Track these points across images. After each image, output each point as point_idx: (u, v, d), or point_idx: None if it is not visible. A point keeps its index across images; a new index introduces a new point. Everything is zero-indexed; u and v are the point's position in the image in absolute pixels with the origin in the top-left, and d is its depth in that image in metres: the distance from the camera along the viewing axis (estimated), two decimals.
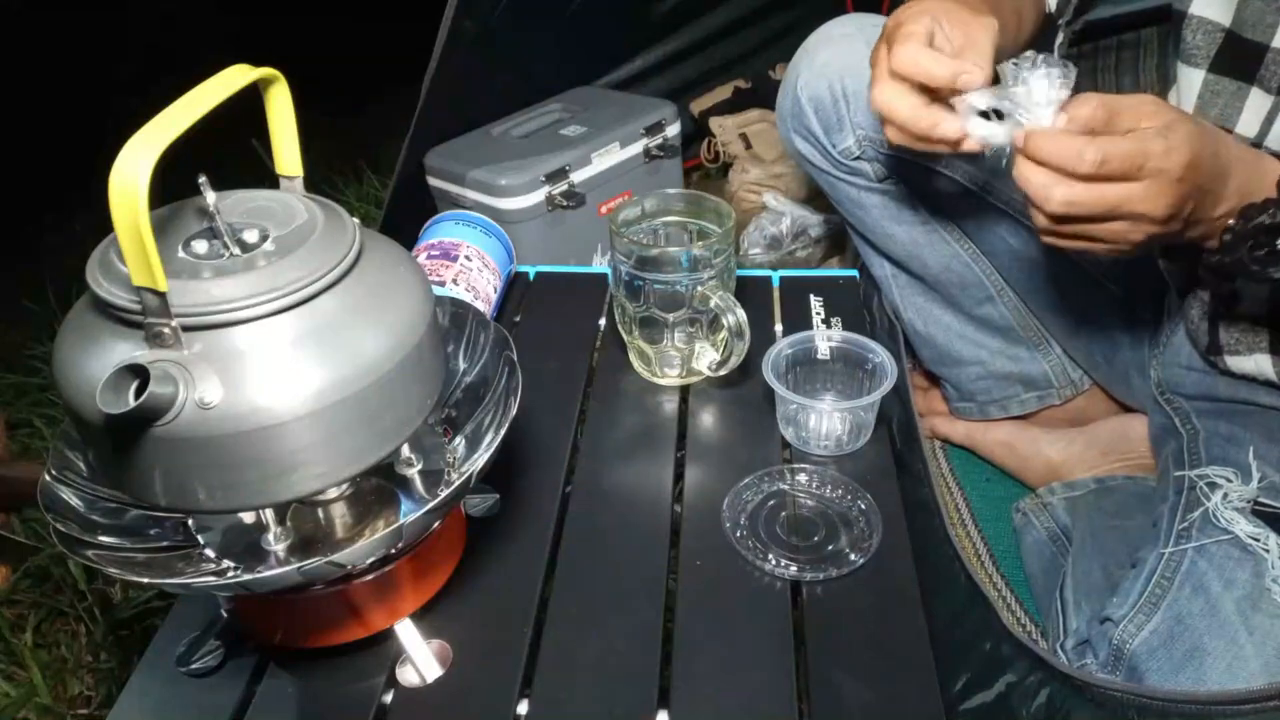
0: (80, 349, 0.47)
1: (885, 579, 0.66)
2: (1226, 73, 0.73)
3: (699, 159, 1.79)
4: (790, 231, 1.50)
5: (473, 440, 0.65)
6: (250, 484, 0.48)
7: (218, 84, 0.46)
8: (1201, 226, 0.62)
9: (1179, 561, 0.68)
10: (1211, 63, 0.74)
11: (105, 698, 0.99)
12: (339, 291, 0.49)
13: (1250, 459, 0.73)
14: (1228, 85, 0.73)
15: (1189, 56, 0.75)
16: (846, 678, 0.60)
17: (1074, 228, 0.61)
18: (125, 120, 0.46)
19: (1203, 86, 0.74)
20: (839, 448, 0.78)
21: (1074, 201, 0.58)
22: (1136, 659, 0.64)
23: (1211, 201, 0.61)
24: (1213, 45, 0.73)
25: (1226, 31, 0.72)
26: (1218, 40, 0.73)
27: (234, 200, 0.52)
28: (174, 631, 0.64)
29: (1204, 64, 0.74)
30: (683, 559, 0.69)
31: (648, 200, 0.85)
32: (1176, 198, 0.58)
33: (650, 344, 0.83)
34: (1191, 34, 0.74)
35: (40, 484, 0.56)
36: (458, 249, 0.94)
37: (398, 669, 0.61)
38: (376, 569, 0.57)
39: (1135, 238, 0.60)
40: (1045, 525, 0.95)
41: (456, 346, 0.69)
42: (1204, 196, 0.60)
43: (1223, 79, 0.73)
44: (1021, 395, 1.06)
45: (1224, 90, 0.73)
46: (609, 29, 1.61)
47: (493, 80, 1.43)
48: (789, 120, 0.95)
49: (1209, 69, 0.74)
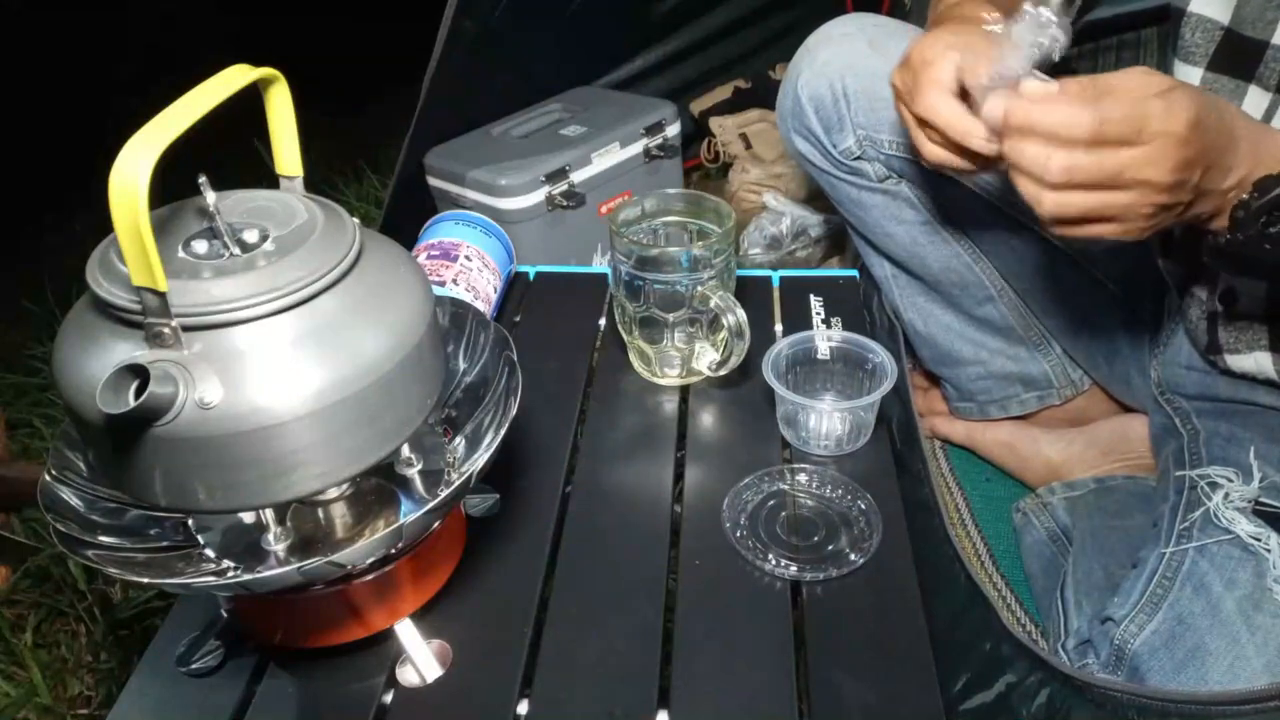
0: (80, 349, 0.47)
1: (885, 579, 0.66)
2: (1225, 71, 0.73)
3: (699, 159, 1.79)
4: (790, 231, 1.50)
5: (473, 440, 0.65)
6: (250, 484, 0.48)
7: (218, 84, 0.46)
8: (1211, 200, 0.59)
9: (1180, 561, 0.68)
10: (1210, 61, 0.73)
11: (105, 698, 0.99)
12: (339, 291, 0.49)
13: (1251, 459, 0.73)
14: (1226, 83, 0.73)
15: (1187, 55, 0.75)
16: (846, 678, 0.60)
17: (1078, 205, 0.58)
18: (125, 120, 0.46)
19: (1201, 85, 0.74)
20: (839, 448, 0.78)
21: (1074, 167, 0.56)
22: (1138, 659, 0.64)
23: (1220, 172, 0.58)
24: (1211, 43, 0.73)
25: (1225, 29, 0.72)
26: (1216, 38, 0.72)
27: (234, 200, 0.52)
28: (174, 631, 0.64)
29: (1202, 62, 0.74)
30: (683, 559, 0.69)
31: (648, 200, 0.85)
32: (1182, 160, 0.55)
33: (650, 344, 0.83)
34: (1190, 32, 0.74)
35: (40, 484, 0.56)
36: (458, 249, 0.94)
37: (398, 669, 0.61)
38: (376, 569, 0.57)
39: (1143, 211, 0.57)
40: (1045, 525, 0.95)
41: (456, 346, 0.69)
42: (1212, 164, 0.57)
43: (1221, 77, 0.73)
44: (1021, 395, 1.06)
45: (1222, 88, 0.73)
46: (609, 29, 1.61)
47: (493, 80, 1.43)
48: (789, 119, 0.95)
49: (1207, 67, 0.74)
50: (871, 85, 0.89)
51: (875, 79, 0.89)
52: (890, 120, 0.90)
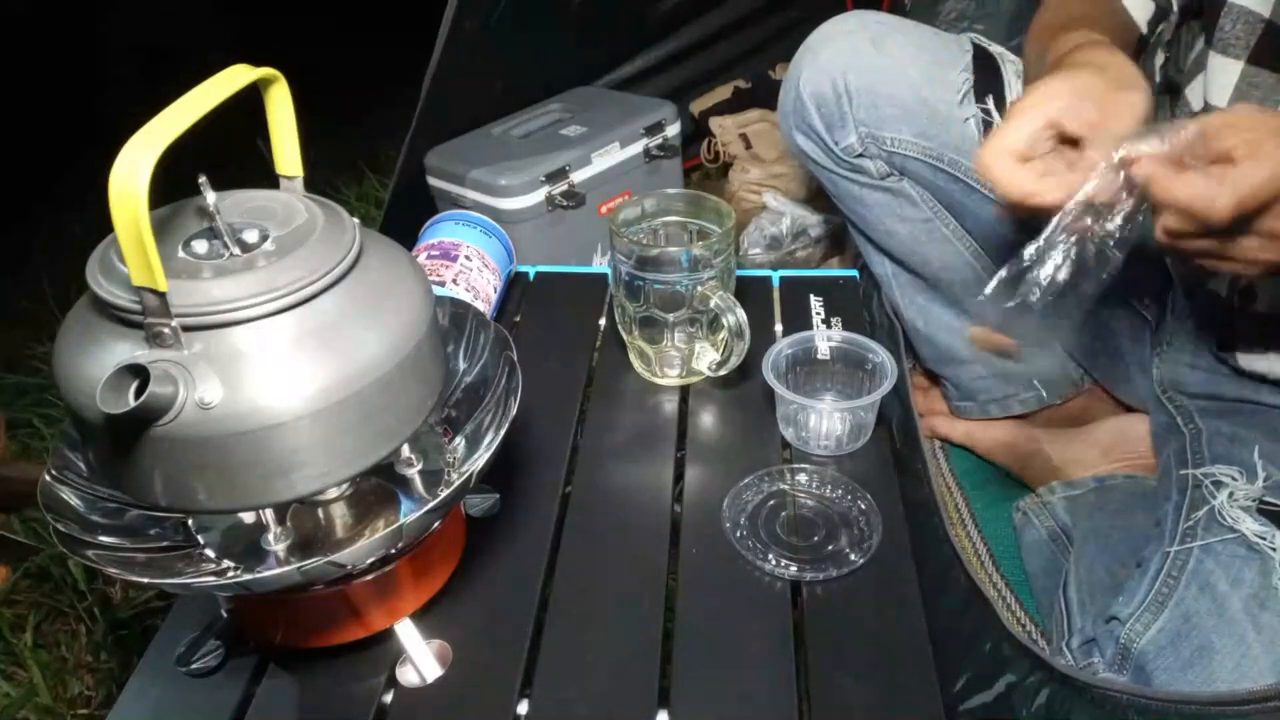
0: (80, 349, 0.47)
1: (885, 579, 0.66)
2: (1267, 64, 0.71)
3: (699, 159, 1.79)
4: (790, 231, 1.50)
5: (473, 440, 0.65)
6: (250, 484, 0.48)
7: (218, 84, 0.46)
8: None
9: (1185, 560, 0.68)
10: (1251, 53, 0.72)
11: (105, 698, 0.99)
12: (339, 291, 0.49)
13: (1255, 457, 0.73)
14: (1267, 78, 0.71)
15: (1226, 46, 0.73)
16: (846, 678, 0.60)
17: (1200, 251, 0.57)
18: (125, 120, 0.46)
19: (1240, 78, 0.73)
20: (839, 448, 0.78)
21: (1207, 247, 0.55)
22: (1144, 658, 0.64)
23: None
24: (1252, 35, 0.71)
25: (1267, 22, 0.71)
26: (1258, 30, 0.71)
27: (234, 200, 0.52)
28: (174, 631, 0.64)
29: (1243, 55, 0.72)
30: (683, 559, 0.69)
31: (648, 200, 0.85)
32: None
33: (650, 344, 0.83)
34: (1231, 23, 0.72)
35: (40, 484, 0.56)
36: (458, 249, 0.94)
37: (398, 669, 0.61)
38: (376, 569, 0.57)
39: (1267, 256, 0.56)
40: (1045, 525, 0.95)
41: (456, 346, 0.69)
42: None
43: (1262, 71, 0.72)
44: (1022, 394, 1.06)
45: (1263, 82, 0.72)
46: (609, 29, 1.61)
47: (493, 80, 1.43)
48: (791, 117, 0.95)
49: (1248, 60, 0.72)
50: (873, 82, 0.89)
51: (877, 76, 0.89)
52: (891, 118, 0.90)
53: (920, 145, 0.90)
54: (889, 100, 0.89)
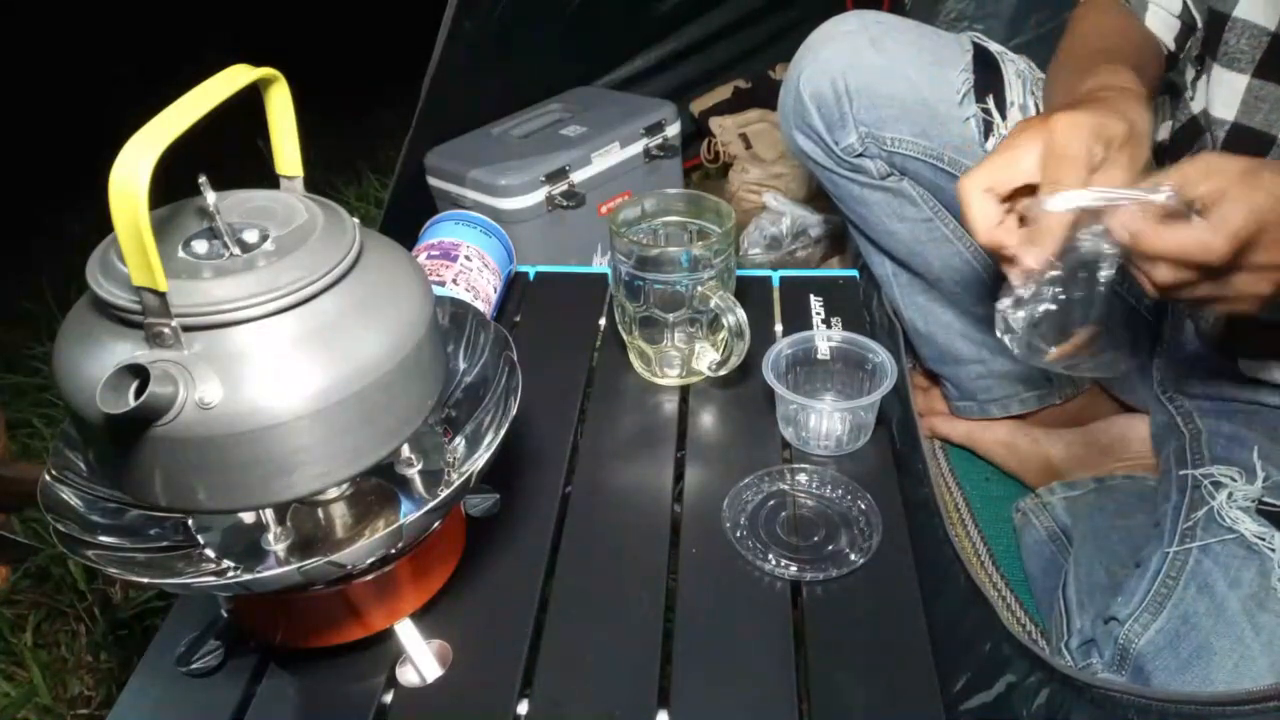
0: (80, 349, 0.47)
1: (885, 579, 0.66)
2: (1273, 78, 0.71)
3: (699, 159, 1.79)
4: (790, 231, 1.50)
5: (473, 440, 0.65)
6: (250, 484, 0.48)
7: (218, 84, 0.46)
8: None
9: (1184, 561, 0.68)
10: (1257, 68, 0.72)
11: (105, 698, 0.99)
12: (339, 291, 0.49)
13: (1255, 458, 0.73)
14: (1273, 90, 0.72)
15: (1231, 61, 0.73)
16: (846, 678, 0.60)
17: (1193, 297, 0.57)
18: (125, 120, 0.46)
19: (1246, 92, 0.73)
20: (839, 448, 0.78)
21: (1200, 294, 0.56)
22: (1143, 658, 0.64)
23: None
24: (1258, 49, 0.72)
25: (1273, 36, 0.71)
26: (1263, 44, 0.71)
27: (234, 200, 0.52)
28: (174, 631, 0.64)
29: (1248, 69, 0.73)
30: (683, 559, 0.69)
31: (648, 200, 0.85)
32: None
33: (650, 344, 0.83)
34: (1236, 37, 0.73)
35: (40, 484, 0.56)
36: (458, 249, 0.94)
37: (398, 669, 0.61)
38: (376, 569, 0.57)
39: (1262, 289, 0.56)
40: (1045, 525, 0.95)
41: (456, 346, 0.69)
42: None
43: (1268, 84, 0.72)
44: (1022, 394, 1.06)
45: (1269, 96, 0.72)
46: (609, 29, 1.61)
47: (493, 80, 1.43)
48: (791, 117, 0.95)
49: (1254, 74, 0.72)
50: (873, 82, 0.89)
51: (877, 76, 0.89)
52: (891, 117, 0.90)
53: (920, 145, 0.90)
54: (889, 100, 0.89)
